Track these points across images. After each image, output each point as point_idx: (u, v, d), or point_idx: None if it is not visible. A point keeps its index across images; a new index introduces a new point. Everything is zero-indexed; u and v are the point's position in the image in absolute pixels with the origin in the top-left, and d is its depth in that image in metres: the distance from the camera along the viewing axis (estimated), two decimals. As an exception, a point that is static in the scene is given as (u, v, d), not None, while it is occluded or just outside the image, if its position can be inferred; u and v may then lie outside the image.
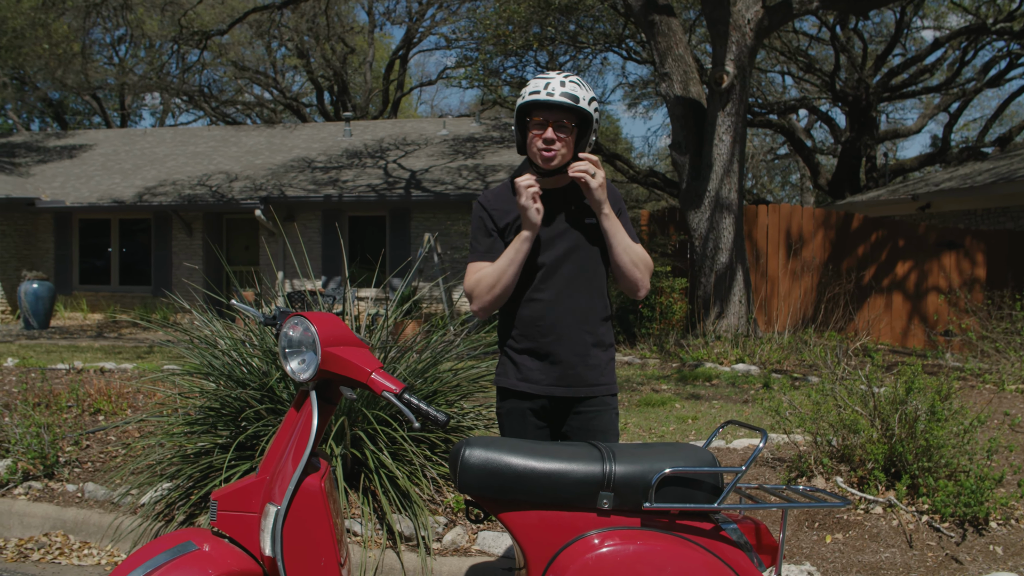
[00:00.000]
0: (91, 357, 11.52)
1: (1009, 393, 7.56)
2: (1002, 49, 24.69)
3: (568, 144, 3.25)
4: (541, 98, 3.19)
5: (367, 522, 4.74)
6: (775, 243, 14.56)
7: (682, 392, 8.87)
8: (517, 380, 3.32)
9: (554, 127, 3.22)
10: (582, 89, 3.22)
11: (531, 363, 3.31)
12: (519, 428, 3.32)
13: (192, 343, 5.65)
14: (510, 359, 3.38)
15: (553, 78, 3.23)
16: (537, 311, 3.30)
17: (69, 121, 40.32)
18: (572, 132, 3.24)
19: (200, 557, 2.66)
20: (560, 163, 3.27)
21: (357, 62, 35.75)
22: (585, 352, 3.30)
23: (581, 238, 3.33)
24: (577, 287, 3.31)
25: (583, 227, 3.34)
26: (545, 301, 3.30)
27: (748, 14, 12.43)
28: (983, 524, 4.60)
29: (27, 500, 5.68)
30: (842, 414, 5.17)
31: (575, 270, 3.32)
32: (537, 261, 3.31)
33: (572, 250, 3.32)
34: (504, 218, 3.38)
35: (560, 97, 3.17)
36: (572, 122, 3.23)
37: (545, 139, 3.22)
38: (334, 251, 19.68)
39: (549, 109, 3.21)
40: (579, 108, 3.19)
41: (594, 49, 24.35)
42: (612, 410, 3.36)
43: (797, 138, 27.83)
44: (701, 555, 2.64)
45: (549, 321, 3.29)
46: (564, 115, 3.21)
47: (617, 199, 3.39)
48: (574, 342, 3.28)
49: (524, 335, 3.33)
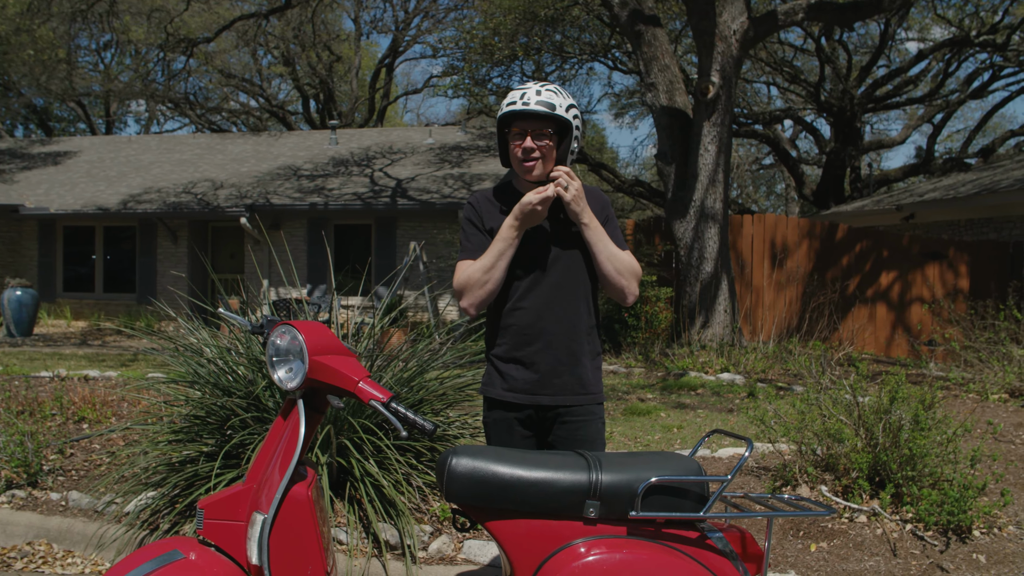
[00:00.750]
0: (75, 365, 11.46)
1: (992, 402, 7.61)
2: (985, 61, 24.91)
3: (548, 152, 3.26)
4: (517, 108, 3.20)
5: (353, 531, 4.74)
6: (760, 253, 14.61)
7: (667, 401, 8.89)
8: (503, 391, 3.31)
9: (533, 136, 3.23)
10: (559, 97, 3.23)
11: (517, 372, 3.29)
12: (505, 438, 3.30)
13: (178, 351, 5.63)
14: (496, 368, 3.36)
15: (529, 88, 3.25)
16: (523, 320, 3.29)
17: (54, 128, 40.18)
18: (551, 139, 3.25)
19: (186, 566, 2.65)
20: (542, 173, 3.28)
21: (343, 70, 35.77)
22: (571, 361, 3.28)
23: (567, 246, 3.32)
24: (563, 296, 3.29)
25: (569, 236, 3.32)
26: (531, 310, 3.29)
27: (734, 25, 12.50)
28: (966, 533, 4.62)
29: (10, 508, 5.65)
30: (827, 423, 5.20)
31: (561, 279, 3.30)
32: (523, 270, 3.30)
33: (558, 258, 3.31)
34: (491, 221, 3.37)
35: (536, 106, 3.19)
36: (550, 129, 3.24)
37: (524, 148, 3.24)
38: (320, 259, 19.66)
39: (526, 119, 3.23)
40: (556, 116, 3.21)
41: (580, 59, 24.46)
42: (599, 419, 3.35)
43: (782, 148, 27.97)
44: (687, 563, 2.65)
45: (535, 330, 3.27)
46: (542, 124, 3.23)
47: (604, 205, 3.39)
48: (560, 351, 3.27)
49: (510, 344, 3.32)
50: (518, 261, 3.29)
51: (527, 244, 3.29)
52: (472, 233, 3.38)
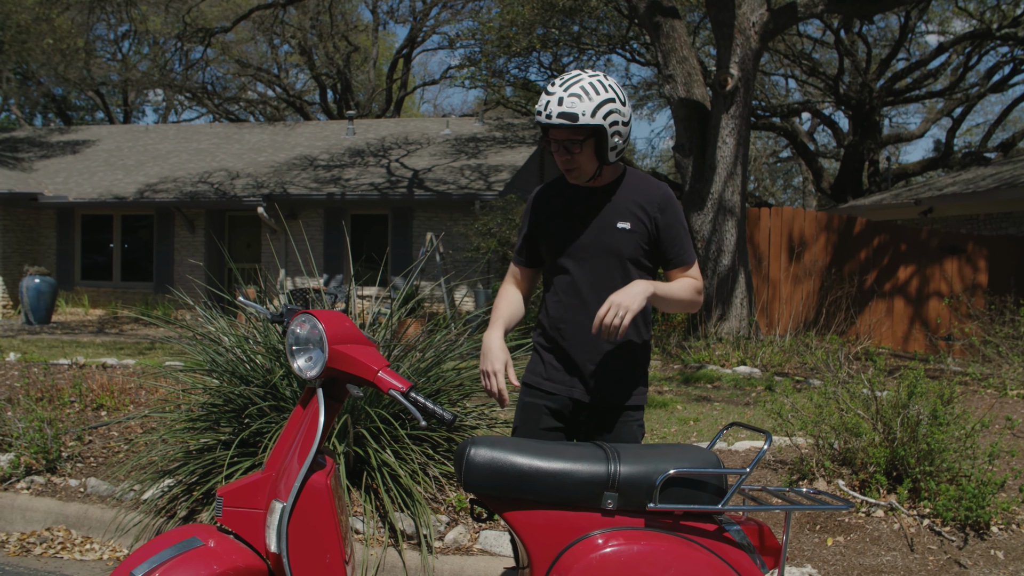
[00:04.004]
0: (93, 353, 11.52)
1: (1011, 398, 7.57)
2: (1006, 54, 24.71)
3: (588, 155, 3.12)
4: (542, 121, 3.06)
5: (369, 520, 4.75)
6: (777, 246, 14.56)
7: (684, 394, 8.87)
8: (543, 379, 3.28)
9: (565, 147, 3.10)
10: (584, 101, 3.01)
11: (556, 363, 3.27)
12: (532, 422, 3.26)
13: (196, 339, 5.66)
14: (540, 356, 3.34)
15: (553, 95, 3.04)
16: (561, 315, 3.25)
17: (72, 117, 40.35)
18: (587, 142, 3.09)
19: (205, 553, 2.66)
20: (587, 176, 3.18)
21: (360, 60, 35.75)
22: (607, 361, 3.21)
23: (612, 243, 3.20)
24: (600, 292, 3.16)
25: (615, 232, 3.20)
26: (570, 305, 3.23)
27: (753, 17, 12.44)
28: (985, 529, 4.60)
29: (29, 495, 5.69)
30: (844, 417, 5.18)
31: (603, 275, 3.20)
32: (565, 264, 3.24)
33: (601, 255, 3.20)
34: (543, 211, 3.33)
35: (557, 119, 3.02)
36: (581, 136, 3.07)
37: (561, 160, 3.15)
38: (336, 249, 19.70)
39: (555, 128, 3.07)
40: (580, 126, 3.03)
41: (598, 51, 24.38)
42: (635, 423, 3.27)
43: (800, 141, 27.84)
44: (705, 556, 2.65)
45: (572, 327, 3.23)
46: (569, 133, 3.06)
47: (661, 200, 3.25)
48: (595, 350, 3.21)
49: (550, 335, 3.30)
50: (560, 254, 3.25)
51: (571, 238, 3.23)
52: (521, 228, 3.40)
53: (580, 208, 3.24)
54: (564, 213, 3.26)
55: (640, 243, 3.21)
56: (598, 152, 3.12)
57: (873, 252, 14.69)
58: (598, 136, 3.08)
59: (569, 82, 3.06)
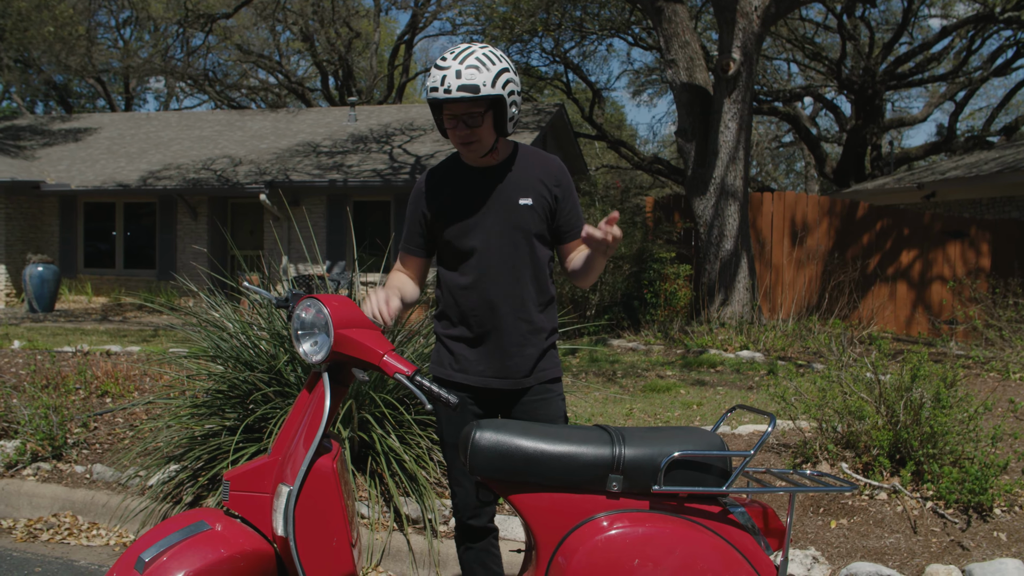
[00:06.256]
0: (97, 340, 11.55)
1: (1014, 381, 7.58)
2: (1009, 38, 24.60)
3: (487, 128, 3.06)
4: (439, 96, 2.96)
5: (374, 504, 4.77)
6: (780, 231, 14.55)
7: (687, 378, 8.89)
8: (453, 371, 3.21)
9: (464, 122, 3.03)
10: (482, 72, 2.95)
11: (466, 352, 3.20)
12: (457, 419, 3.18)
13: (200, 326, 5.67)
14: (445, 347, 3.26)
15: (449, 68, 2.94)
16: (468, 298, 3.17)
17: (73, 104, 40.30)
18: (485, 115, 3.03)
19: (212, 537, 2.68)
20: (485, 149, 3.11)
21: (362, 47, 35.65)
22: (521, 341, 3.16)
23: (514, 220, 3.14)
24: (510, 272, 3.14)
25: (516, 209, 3.15)
26: (476, 288, 3.16)
27: (755, 1, 12.40)
28: (987, 511, 4.62)
29: (36, 481, 5.72)
30: (847, 401, 5.19)
31: (507, 254, 3.15)
32: (467, 245, 3.16)
33: (504, 233, 3.15)
34: (439, 195, 3.23)
35: (458, 92, 2.93)
36: (481, 108, 3.01)
37: (459, 136, 3.06)
38: (339, 236, 19.70)
39: (453, 103, 2.99)
40: (482, 97, 2.97)
41: (600, 35, 24.33)
42: (557, 396, 3.24)
43: (802, 126, 27.79)
44: (709, 538, 2.66)
45: (481, 309, 3.16)
46: (470, 106, 2.99)
47: (560, 174, 3.23)
48: (508, 331, 3.15)
49: (456, 322, 3.22)
50: (461, 236, 3.17)
51: (470, 219, 3.16)
52: (408, 217, 3.32)
53: (478, 188, 3.18)
54: (463, 194, 3.19)
55: (542, 218, 3.18)
56: (497, 124, 3.08)
57: (876, 236, 14.68)
58: (497, 107, 3.05)
59: (462, 54, 2.98)
